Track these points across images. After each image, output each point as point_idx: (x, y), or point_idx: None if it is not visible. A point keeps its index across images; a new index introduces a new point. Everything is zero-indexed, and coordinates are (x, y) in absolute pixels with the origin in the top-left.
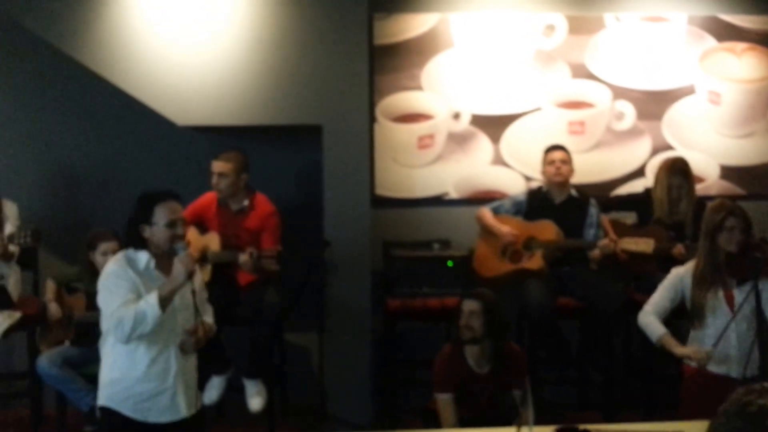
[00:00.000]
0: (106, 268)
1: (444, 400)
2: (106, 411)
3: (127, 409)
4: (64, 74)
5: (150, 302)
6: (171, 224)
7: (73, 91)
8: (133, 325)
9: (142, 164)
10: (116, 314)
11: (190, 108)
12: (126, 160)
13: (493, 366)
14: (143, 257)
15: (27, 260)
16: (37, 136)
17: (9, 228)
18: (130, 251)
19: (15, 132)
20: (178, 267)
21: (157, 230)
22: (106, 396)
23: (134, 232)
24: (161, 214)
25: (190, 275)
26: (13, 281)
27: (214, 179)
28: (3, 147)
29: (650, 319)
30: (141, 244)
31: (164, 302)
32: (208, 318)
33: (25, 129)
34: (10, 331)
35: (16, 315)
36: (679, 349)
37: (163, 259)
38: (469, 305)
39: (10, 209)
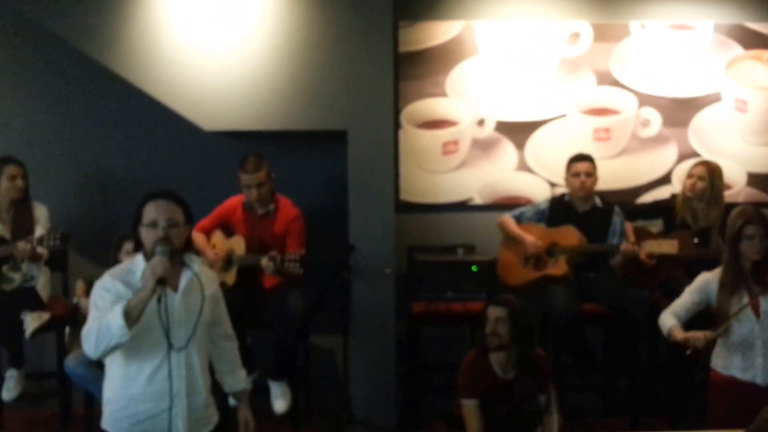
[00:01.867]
0: (100, 278)
1: (469, 406)
2: None
3: (122, 431)
4: (96, 81)
5: (114, 312)
6: (152, 224)
7: (103, 96)
8: (98, 338)
9: (170, 168)
10: (86, 327)
11: (217, 113)
12: (155, 164)
13: (519, 372)
14: (140, 267)
15: (57, 262)
16: (70, 140)
17: (39, 230)
18: (133, 261)
19: (49, 137)
20: (147, 274)
21: (142, 231)
22: (105, 417)
23: (135, 233)
24: (146, 214)
25: (160, 281)
26: (43, 283)
27: (254, 191)
28: (37, 151)
29: (664, 317)
30: (140, 246)
31: (129, 313)
32: (225, 328)
33: (59, 134)
34: (39, 331)
35: (45, 316)
36: (680, 335)
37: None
38: (495, 312)
39: (41, 212)
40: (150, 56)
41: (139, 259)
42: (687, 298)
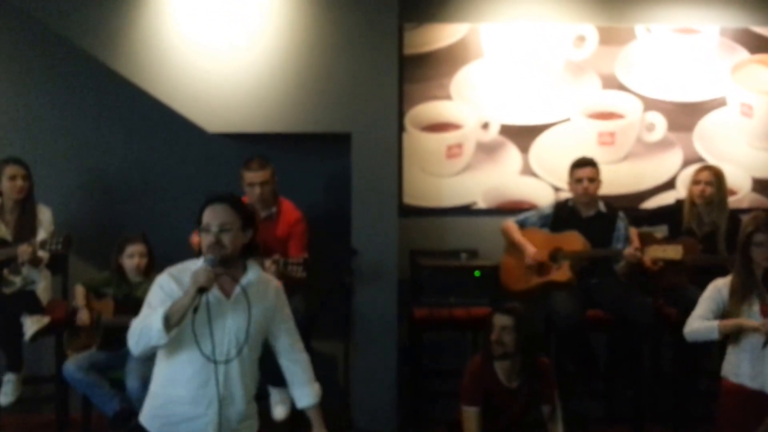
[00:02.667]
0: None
1: (470, 413)
2: (141, 428)
3: (154, 429)
4: (100, 82)
5: (157, 314)
6: (205, 228)
7: (107, 98)
8: (139, 336)
9: (173, 170)
10: (134, 322)
11: (221, 115)
12: (158, 166)
13: (523, 380)
14: (195, 267)
15: (57, 265)
16: (73, 142)
17: (42, 234)
18: (197, 261)
19: (52, 138)
20: (190, 280)
21: (203, 236)
22: (143, 411)
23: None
24: (203, 218)
25: (201, 290)
26: (43, 286)
27: (257, 189)
28: (40, 152)
29: (698, 323)
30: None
31: (169, 317)
32: (290, 341)
33: (62, 135)
34: (38, 335)
35: (45, 320)
36: (748, 322)
37: (222, 274)
38: (501, 320)
39: (45, 215)
40: (154, 58)
41: (199, 262)
42: (704, 306)
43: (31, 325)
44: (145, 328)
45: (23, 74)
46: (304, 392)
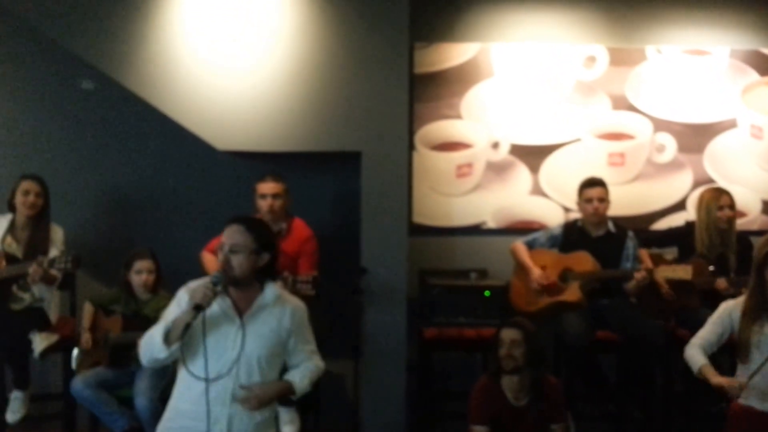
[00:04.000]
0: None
1: None
2: None
3: None
4: (111, 100)
5: (159, 327)
6: (220, 248)
7: (118, 116)
8: (145, 347)
9: (183, 188)
10: (146, 333)
11: (231, 134)
12: (168, 184)
13: (531, 398)
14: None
15: (66, 282)
16: (84, 159)
17: (54, 252)
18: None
19: (63, 156)
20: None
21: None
22: (161, 424)
23: None
24: (223, 236)
25: (197, 308)
26: (52, 303)
27: (268, 201)
28: (51, 170)
29: (693, 351)
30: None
31: (169, 331)
32: (297, 376)
33: (73, 153)
34: (47, 352)
35: (54, 337)
36: (715, 379)
37: (239, 293)
38: (510, 334)
39: (57, 234)
40: (165, 75)
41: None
42: (711, 328)
43: (39, 342)
44: (150, 340)
45: (35, 92)
46: (295, 375)
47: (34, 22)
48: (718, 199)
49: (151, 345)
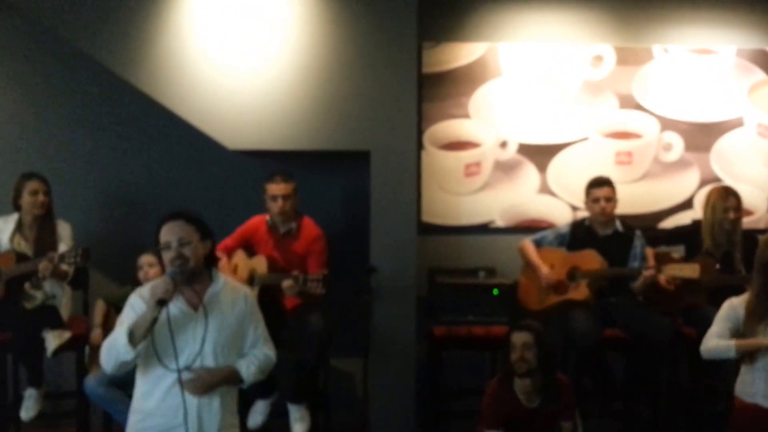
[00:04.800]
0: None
1: None
2: None
3: None
4: (120, 98)
5: (121, 330)
6: (166, 246)
7: (127, 114)
8: (108, 353)
9: (193, 187)
10: (104, 342)
11: (241, 133)
12: (178, 183)
13: (543, 399)
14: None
15: (78, 280)
16: (94, 158)
17: (62, 248)
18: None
19: (73, 154)
20: (150, 294)
21: (163, 254)
22: (128, 428)
23: (159, 256)
24: (161, 237)
25: (161, 302)
26: (65, 301)
27: (279, 202)
28: (61, 168)
29: (714, 341)
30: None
31: (133, 332)
32: (249, 363)
33: (82, 151)
34: (59, 350)
35: (66, 335)
36: (764, 342)
37: (188, 287)
38: (522, 337)
39: (65, 229)
40: (175, 74)
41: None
42: (721, 325)
43: (52, 340)
44: (113, 345)
45: (45, 91)
46: (242, 363)
47: (47, 23)
48: (725, 200)
49: (115, 349)
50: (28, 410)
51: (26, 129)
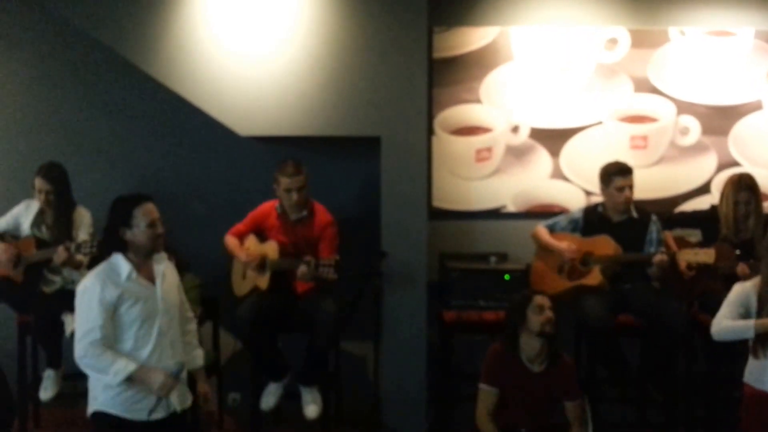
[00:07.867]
0: (83, 281)
1: (487, 391)
2: (100, 415)
3: (120, 410)
4: (135, 86)
5: (123, 366)
6: (151, 224)
7: (142, 102)
8: (95, 361)
9: (205, 173)
10: (89, 348)
11: (253, 119)
12: (190, 169)
13: (547, 367)
14: (124, 268)
15: (97, 264)
16: (110, 145)
17: (82, 236)
18: (111, 262)
19: (91, 142)
20: (156, 386)
21: (138, 232)
22: (99, 402)
23: (114, 236)
24: (141, 216)
25: (164, 393)
26: None
27: (294, 196)
28: (79, 156)
29: (727, 322)
30: (122, 247)
31: (131, 380)
32: (188, 312)
33: (100, 139)
34: None
35: None
36: None
37: (143, 264)
38: (542, 300)
39: (85, 217)
40: (188, 61)
41: (123, 263)
42: (731, 308)
43: (71, 322)
44: (105, 365)
45: (65, 79)
46: (197, 354)
47: (61, 12)
48: (737, 194)
49: (104, 370)
50: (46, 390)
51: (44, 117)
